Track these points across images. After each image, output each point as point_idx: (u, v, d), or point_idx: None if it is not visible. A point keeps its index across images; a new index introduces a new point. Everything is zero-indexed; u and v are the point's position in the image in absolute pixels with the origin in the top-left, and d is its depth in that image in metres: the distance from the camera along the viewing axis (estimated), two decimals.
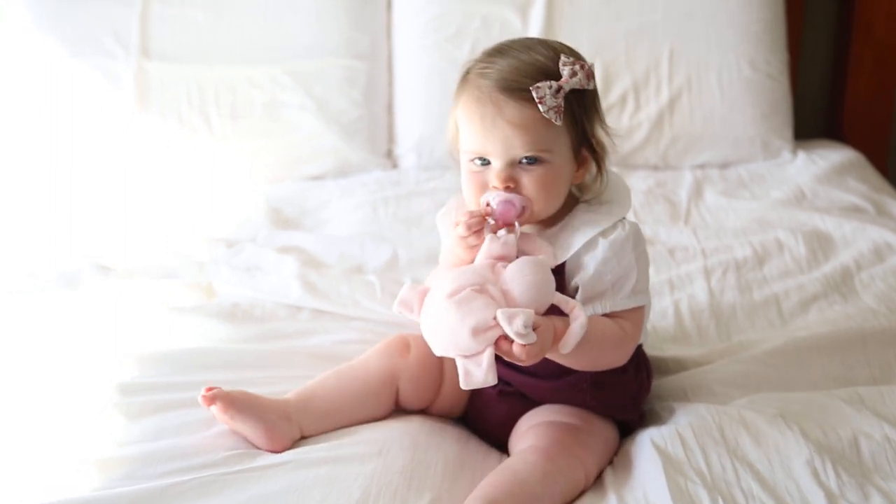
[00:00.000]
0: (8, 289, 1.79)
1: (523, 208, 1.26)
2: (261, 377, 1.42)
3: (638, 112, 2.34)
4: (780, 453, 1.26)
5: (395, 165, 2.39)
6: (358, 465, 1.23)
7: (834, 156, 2.38)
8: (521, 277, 1.18)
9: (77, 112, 2.23)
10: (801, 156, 2.39)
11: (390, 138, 2.40)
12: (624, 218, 1.34)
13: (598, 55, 2.33)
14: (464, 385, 1.16)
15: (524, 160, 1.26)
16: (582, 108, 1.29)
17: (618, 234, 1.31)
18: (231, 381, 1.35)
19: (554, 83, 1.24)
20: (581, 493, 1.29)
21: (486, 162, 1.28)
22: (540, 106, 1.24)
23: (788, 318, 1.73)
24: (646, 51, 2.36)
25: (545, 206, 1.29)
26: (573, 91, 1.26)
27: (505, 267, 1.20)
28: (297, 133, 2.30)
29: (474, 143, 1.28)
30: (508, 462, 1.30)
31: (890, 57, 2.56)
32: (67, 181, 2.22)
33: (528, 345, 1.14)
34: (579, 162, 1.32)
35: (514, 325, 1.13)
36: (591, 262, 1.29)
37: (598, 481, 1.32)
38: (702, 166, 2.37)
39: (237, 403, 1.28)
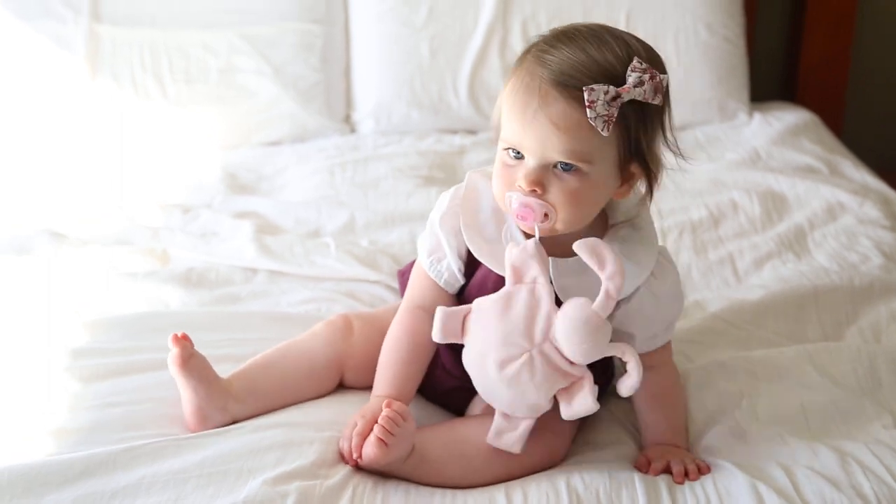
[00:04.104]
0: None
1: (545, 215, 1.16)
2: (214, 339, 1.40)
3: None
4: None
5: (352, 130, 2.37)
6: (314, 432, 1.23)
7: (789, 117, 2.40)
8: (571, 343, 1.14)
9: (28, 77, 2.19)
10: (757, 118, 2.40)
11: (348, 103, 2.39)
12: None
13: (556, 18, 2.32)
14: (490, 441, 1.21)
15: (559, 165, 1.15)
16: (640, 121, 1.16)
17: (671, 275, 1.25)
18: None
19: (612, 89, 1.11)
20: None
21: (520, 156, 1.17)
22: (588, 111, 1.11)
23: (743, 276, 1.75)
24: (603, 14, 2.35)
25: (571, 220, 1.17)
26: (634, 102, 1.13)
27: (554, 312, 1.15)
28: (254, 98, 2.28)
29: (512, 133, 1.17)
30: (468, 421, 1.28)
31: (844, 20, 2.58)
32: (19, 146, 2.19)
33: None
34: (625, 177, 1.20)
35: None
36: (649, 309, 1.23)
37: None
38: None
39: (194, 366, 1.24)
